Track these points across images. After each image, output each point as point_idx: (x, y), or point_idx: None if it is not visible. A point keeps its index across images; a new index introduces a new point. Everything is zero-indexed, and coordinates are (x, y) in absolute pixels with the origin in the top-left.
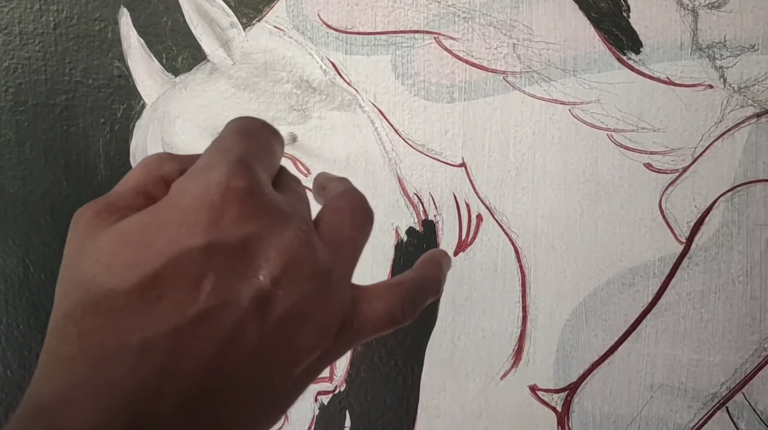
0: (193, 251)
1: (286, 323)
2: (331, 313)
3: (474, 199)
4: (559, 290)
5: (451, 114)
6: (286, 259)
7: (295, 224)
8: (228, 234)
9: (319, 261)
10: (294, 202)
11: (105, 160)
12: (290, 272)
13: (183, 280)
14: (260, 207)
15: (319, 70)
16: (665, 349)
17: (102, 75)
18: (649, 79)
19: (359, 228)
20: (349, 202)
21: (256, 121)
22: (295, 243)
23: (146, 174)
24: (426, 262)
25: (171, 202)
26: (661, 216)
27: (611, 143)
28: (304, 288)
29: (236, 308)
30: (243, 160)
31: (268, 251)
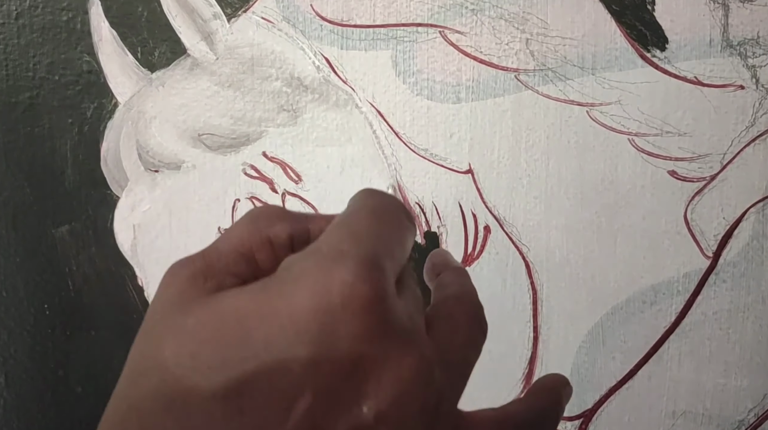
0: (294, 362)
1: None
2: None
3: (481, 208)
4: (574, 308)
5: (457, 116)
6: (400, 391)
7: (420, 349)
8: (340, 350)
9: (434, 393)
10: (413, 310)
11: (73, 164)
12: (400, 408)
13: (274, 394)
14: (383, 323)
15: (311, 66)
16: (689, 373)
17: (70, 70)
18: (674, 79)
19: (474, 346)
20: (466, 311)
21: (393, 203)
22: (414, 373)
23: (252, 232)
24: (542, 390)
25: (281, 289)
26: (687, 228)
27: (633, 149)
28: (410, 426)
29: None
30: (377, 258)
31: (382, 378)
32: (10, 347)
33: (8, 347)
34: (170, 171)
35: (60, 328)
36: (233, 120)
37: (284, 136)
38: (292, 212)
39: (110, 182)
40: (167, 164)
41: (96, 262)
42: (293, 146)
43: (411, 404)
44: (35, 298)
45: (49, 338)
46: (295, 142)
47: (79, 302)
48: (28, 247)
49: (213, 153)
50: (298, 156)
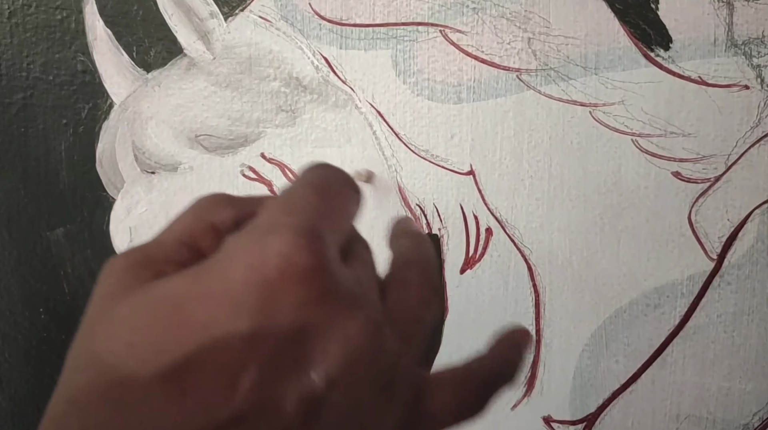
0: (234, 338)
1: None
2: (391, 415)
3: (483, 210)
4: (577, 311)
5: (458, 116)
6: (348, 354)
7: (365, 311)
8: (281, 320)
9: (386, 355)
10: (364, 278)
11: (68, 166)
12: (351, 371)
13: (217, 373)
14: (325, 290)
15: (310, 66)
16: (693, 376)
17: (64, 70)
18: (678, 79)
19: (426, 305)
20: (417, 274)
21: (336, 174)
22: (362, 335)
23: (195, 220)
24: (501, 342)
25: (218, 268)
26: (691, 230)
27: (636, 149)
28: (366, 391)
29: (278, 412)
30: (313, 227)
31: (328, 343)
32: (5, 352)
33: (3, 351)
34: (167, 173)
35: (55, 332)
36: (231, 121)
37: (283, 137)
38: (238, 197)
39: (106, 184)
40: (164, 166)
41: (92, 265)
42: (292, 147)
43: (362, 367)
44: (30, 302)
45: (45, 343)
46: (294, 143)
47: (74, 306)
48: (22, 250)
49: (210, 154)
50: (297, 157)
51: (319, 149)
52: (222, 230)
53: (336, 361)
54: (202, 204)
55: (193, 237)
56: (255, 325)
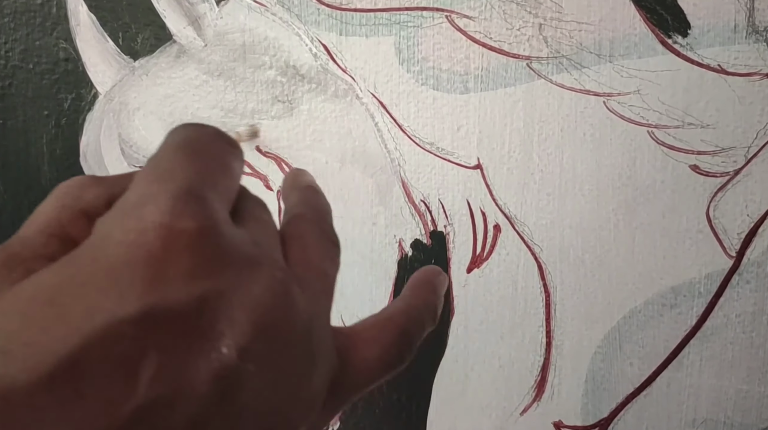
0: (124, 324)
1: (262, 405)
2: (317, 377)
3: (491, 206)
4: (589, 312)
5: (465, 107)
6: (257, 320)
7: (267, 271)
8: (174, 295)
9: (299, 314)
10: (261, 237)
11: (50, 160)
12: (264, 337)
13: (111, 366)
14: (219, 254)
15: (308, 53)
16: (710, 379)
17: (45, 58)
18: (697, 67)
19: (329, 258)
20: (312, 227)
21: (205, 131)
22: (268, 297)
23: (60, 208)
24: (416, 285)
25: (92, 252)
26: (709, 226)
27: (652, 142)
28: (284, 355)
29: (191, 396)
30: (191, 189)
31: (233, 312)
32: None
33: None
34: None
35: None
36: (224, 112)
37: (279, 129)
38: (105, 177)
39: None
40: None
41: None
42: (289, 140)
43: (275, 330)
44: None
45: None
46: (291, 135)
47: None
48: None
49: None
50: (294, 151)
51: (317, 142)
52: (93, 214)
53: (245, 328)
54: (66, 189)
55: (62, 226)
56: (145, 305)
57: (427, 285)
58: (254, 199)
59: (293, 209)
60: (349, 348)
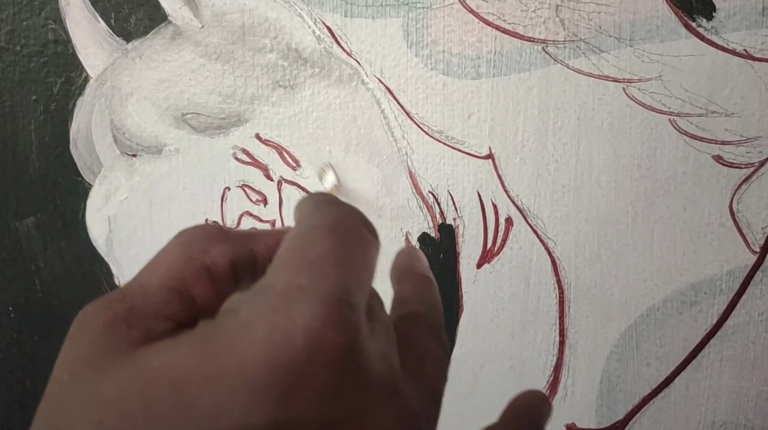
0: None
1: None
2: None
3: (503, 198)
4: (605, 309)
5: (476, 93)
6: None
7: (403, 400)
8: (307, 414)
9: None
10: (388, 349)
11: (38, 148)
12: None
13: None
14: (360, 375)
15: (311, 36)
16: (730, 380)
17: (33, 40)
18: (722, 52)
19: (443, 373)
20: (427, 330)
21: (352, 215)
22: (400, 428)
23: (185, 260)
24: (518, 412)
25: (230, 340)
26: (732, 220)
27: (674, 131)
28: None
29: None
30: (345, 293)
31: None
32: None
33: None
34: (150, 155)
35: (26, 332)
36: (222, 97)
37: (280, 116)
38: (231, 231)
39: (81, 168)
40: (146, 148)
41: (66, 258)
42: (290, 128)
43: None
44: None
45: (15, 344)
46: (293, 122)
47: (47, 304)
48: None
49: (199, 135)
50: (296, 139)
51: (321, 130)
52: (216, 274)
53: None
54: (190, 238)
55: (184, 282)
56: (277, 418)
57: (528, 416)
58: (375, 294)
59: (408, 304)
60: None
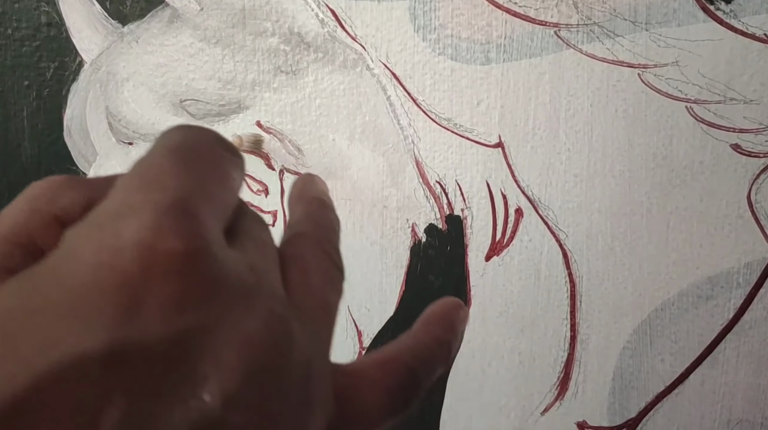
0: (86, 361)
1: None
2: (313, 424)
3: (513, 188)
4: (618, 304)
5: (485, 79)
6: (249, 362)
7: (265, 303)
8: (151, 329)
9: (297, 355)
10: (258, 261)
11: (31, 136)
12: (255, 382)
13: (66, 412)
14: (208, 281)
15: (314, 19)
16: (747, 376)
17: (25, 23)
18: (741, 37)
19: (333, 285)
20: (313, 245)
21: (203, 134)
22: (264, 335)
23: (30, 212)
24: (430, 320)
25: (55, 271)
26: (750, 211)
27: (691, 118)
28: (277, 403)
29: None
30: (181, 202)
31: (220, 351)
32: None
33: None
34: (147, 144)
35: None
36: (221, 83)
37: (282, 102)
38: (86, 179)
39: (75, 157)
40: (143, 136)
41: None
42: (293, 115)
43: (270, 374)
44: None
45: None
46: (295, 109)
47: None
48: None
49: (198, 122)
50: (298, 127)
51: (324, 117)
52: (68, 223)
53: (234, 371)
54: (39, 190)
55: (30, 233)
56: (114, 339)
57: (442, 320)
58: (253, 216)
59: (296, 226)
60: (348, 391)
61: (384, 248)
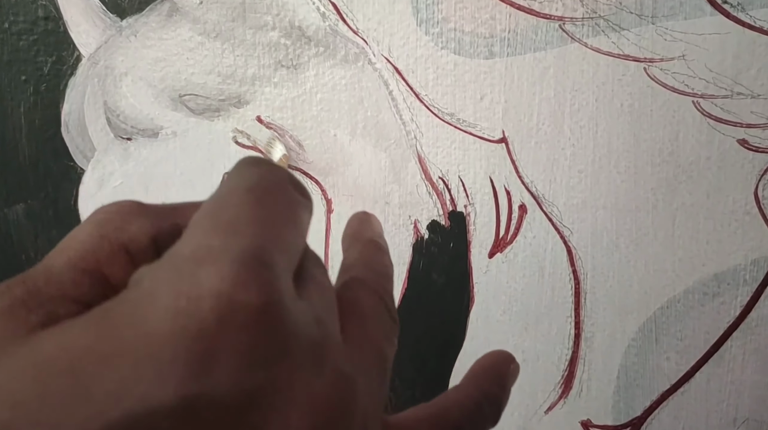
0: (160, 415)
1: None
2: None
3: (516, 184)
4: (623, 301)
5: (489, 73)
6: (315, 424)
7: (333, 364)
8: (224, 385)
9: (359, 412)
10: (322, 310)
11: (28, 132)
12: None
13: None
14: (281, 338)
15: (315, 13)
16: (754, 375)
17: (22, 17)
18: (749, 30)
19: (388, 338)
20: (371, 296)
21: (276, 174)
22: (332, 397)
23: (98, 238)
24: (480, 373)
25: (131, 312)
26: (757, 208)
27: (698, 113)
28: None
29: None
30: (258, 252)
31: (288, 412)
32: None
33: None
34: (146, 139)
35: None
36: (221, 78)
37: (283, 97)
38: (152, 206)
39: (73, 152)
40: (142, 131)
41: None
42: (293, 110)
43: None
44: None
45: None
46: (296, 104)
47: None
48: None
49: (197, 117)
50: (299, 122)
51: (325, 112)
52: (135, 252)
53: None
54: (107, 215)
55: (97, 262)
56: (187, 394)
57: (491, 374)
58: (314, 259)
59: (354, 270)
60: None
61: None
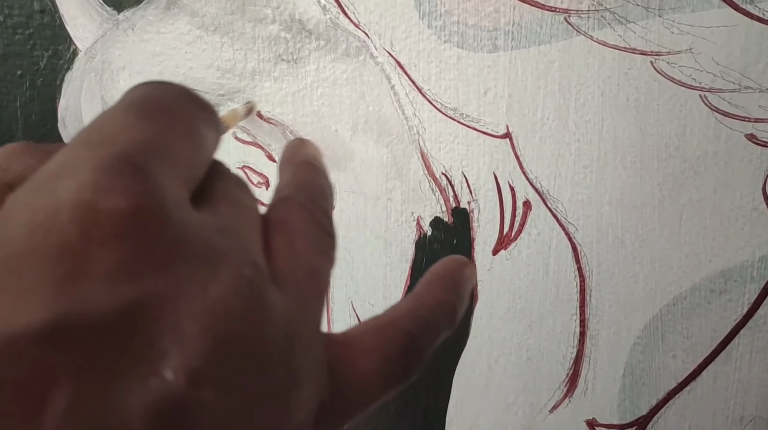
0: (23, 340)
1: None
2: (301, 402)
3: (521, 180)
4: (629, 298)
5: (493, 67)
6: (215, 332)
7: (232, 267)
8: (96, 300)
9: (275, 323)
10: (233, 224)
11: (24, 126)
12: (226, 355)
13: (7, 400)
14: (162, 244)
15: (316, 5)
16: (761, 372)
17: (17, 10)
18: (757, 23)
19: (321, 252)
20: (300, 210)
21: (170, 89)
22: (232, 302)
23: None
24: (432, 280)
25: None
26: (765, 203)
27: (705, 107)
28: (254, 376)
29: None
30: (128, 157)
31: (180, 322)
32: None
33: None
34: None
35: None
36: (220, 72)
37: (283, 92)
38: (41, 145)
39: None
40: None
41: None
42: (294, 105)
43: (243, 345)
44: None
45: None
46: (296, 99)
47: None
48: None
49: None
50: (299, 117)
51: (326, 107)
52: None
53: (198, 345)
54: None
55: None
56: (54, 314)
57: (445, 280)
58: (232, 178)
59: (282, 190)
60: (342, 361)
61: (388, 241)
